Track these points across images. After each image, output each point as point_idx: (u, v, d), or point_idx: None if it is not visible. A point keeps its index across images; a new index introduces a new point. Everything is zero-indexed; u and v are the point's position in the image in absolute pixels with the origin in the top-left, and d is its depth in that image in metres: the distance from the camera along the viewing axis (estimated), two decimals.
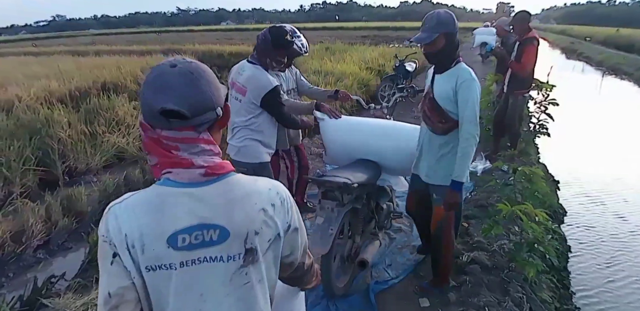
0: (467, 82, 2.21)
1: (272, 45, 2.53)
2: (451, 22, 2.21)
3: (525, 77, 4.77)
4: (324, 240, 2.26)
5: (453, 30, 2.23)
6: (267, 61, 2.59)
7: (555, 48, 26.83)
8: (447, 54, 2.27)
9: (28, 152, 5.17)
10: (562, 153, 6.17)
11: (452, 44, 2.25)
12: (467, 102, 2.21)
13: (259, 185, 0.99)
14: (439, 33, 2.19)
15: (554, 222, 3.68)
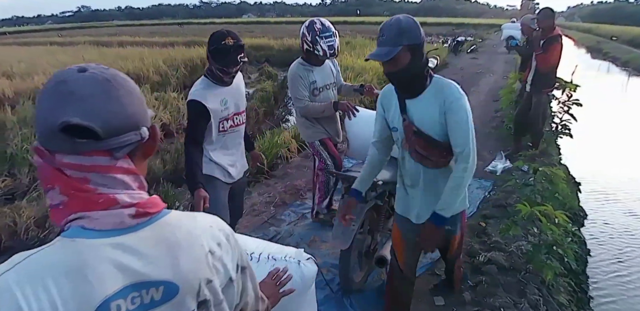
0: (458, 102, 1.77)
1: (208, 50, 2.23)
2: (415, 31, 1.72)
3: (547, 73, 4.69)
4: (346, 235, 2.28)
5: (419, 40, 1.73)
6: (214, 70, 2.24)
7: (580, 47, 26.19)
8: (415, 72, 1.77)
9: None
10: (584, 154, 6.05)
11: (420, 58, 1.75)
12: (460, 124, 1.77)
13: (199, 221, 0.80)
14: (402, 45, 1.69)
15: (574, 224, 3.62)
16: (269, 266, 1.48)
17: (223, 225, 0.85)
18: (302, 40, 2.87)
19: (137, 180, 0.74)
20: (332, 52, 2.83)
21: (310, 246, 3.22)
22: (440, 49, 13.60)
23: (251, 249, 1.56)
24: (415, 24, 1.73)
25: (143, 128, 0.73)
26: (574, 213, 3.98)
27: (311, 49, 2.83)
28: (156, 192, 3.92)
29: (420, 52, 1.75)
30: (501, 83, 9.72)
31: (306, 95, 2.94)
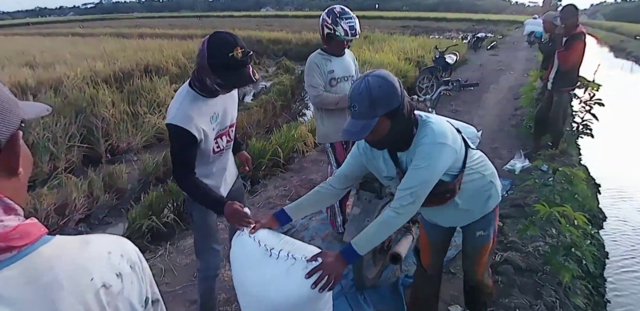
0: (423, 147, 1.55)
1: (207, 63, 1.65)
2: (389, 96, 1.48)
3: (569, 72, 4.59)
4: (359, 231, 2.25)
5: (396, 104, 1.49)
6: (207, 82, 1.71)
7: (603, 46, 25.56)
8: (399, 133, 1.57)
9: (73, 129, 5.40)
10: (605, 155, 5.92)
11: (402, 119, 1.53)
12: (414, 169, 1.55)
13: (91, 248, 0.64)
14: (377, 116, 1.48)
15: (593, 226, 3.56)
16: (287, 265, 1.45)
17: (128, 249, 0.70)
18: (323, 25, 2.75)
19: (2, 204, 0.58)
20: (354, 32, 2.72)
21: (324, 241, 3.23)
22: (459, 45, 13.41)
23: (272, 244, 1.52)
24: (388, 88, 1.47)
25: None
26: (592, 215, 3.91)
27: (332, 31, 2.71)
28: (174, 183, 3.96)
29: (402, 114, 1.52)
30: (521, 81, 9.56)
31: (321, 84, 2.83)
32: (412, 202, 1.54)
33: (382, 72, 1.53)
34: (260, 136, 5.80)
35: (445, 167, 1.57)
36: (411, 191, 1.53)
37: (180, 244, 3.29)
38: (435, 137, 1.55)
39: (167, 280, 2.84)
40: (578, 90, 5.82)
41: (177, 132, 1.74)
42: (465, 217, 1.89)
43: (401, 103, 1.50)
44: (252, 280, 1.52)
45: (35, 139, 5.02)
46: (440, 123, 1.63)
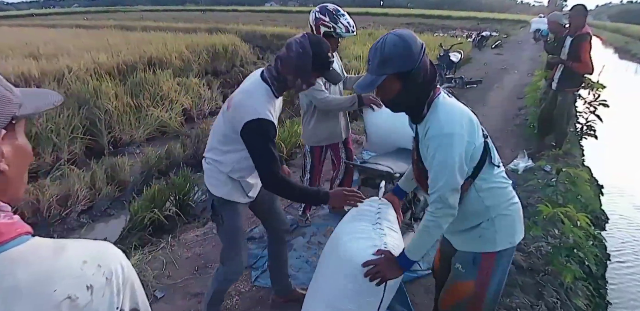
0: (436, 139, 1.48)
1: (312, 64, 1.74)
2: (402, 57, 1.43)
3: (576, 72, 4.57)
4: None
5: (408, 67, 1.43)
6: (295, 82, 1.79)
7: (608, 47, 25.46)
8: (410, 99, 1.52)
9: (76, 120, 5.40)
10: (608, 157, 5.91)
11: (413, 84, 1.47)
12: (433, 164, 1.50)
13: (65, 257, 0.60)
14: (386, 75, 1.45)
15: (595, 227, 3.56)
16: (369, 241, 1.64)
17: (109, 258, 0.65)
18: (319, 24, 2.68)
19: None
20: (353, 29, 2.70)
21: (326, 237, 3.22)
22: (464, 43, 13.37)
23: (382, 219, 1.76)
24: (403, 48, 1.43)
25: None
26: (595, 216, 3.90)
27: (331, 29, 2.65)
28: (176, 176, 3.96)
29: (414, 78, 1.45)
30: (526, 81, 9.52)
31: (322, 85, 2.75)
32: (443, 204, 1.49)
33: (404, 32, 1.48)
34: None
35: (461, 156, 1.46)
36: (438, 194, 1.49)
37: (182, 237, 3.29)
38: (442, 126, 1.47)
39: (169, 272, 2.84)
40: (583, 91, 5.80)
41: (267, 126, 1.74)
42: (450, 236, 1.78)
43: (414, 68, 1.43)
44: (344, 230, 1.77)
45: (38, 130, 5.02)
46: (450, 110, 1.51)
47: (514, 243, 1.67)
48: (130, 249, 3.17)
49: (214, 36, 13.13)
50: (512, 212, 1.66)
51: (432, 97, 1.53)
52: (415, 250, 1.58)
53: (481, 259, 1.67)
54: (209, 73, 10.42)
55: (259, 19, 30.77)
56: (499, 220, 1.62)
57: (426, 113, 1.54)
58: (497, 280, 1.72)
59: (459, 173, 1.48)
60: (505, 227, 1.64)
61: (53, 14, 50.78)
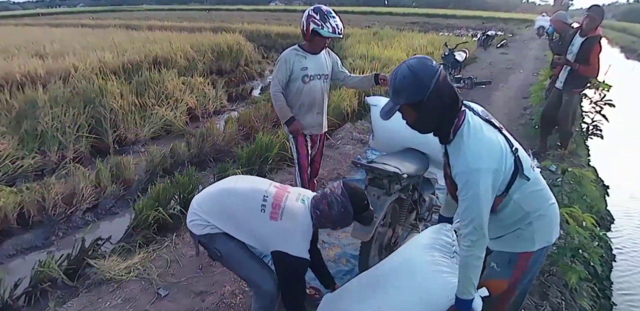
0: (462, 175, 1.53)
1: (352, 218, 1.94)
2: (411, 87, 1.47)
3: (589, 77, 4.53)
4: (367, 227, 2.25)
5: (418, 97, 1.48)
6: (332, 227, 2.00)
7: (614, 46, 25.27)
8: (429, 125, 1.59)
9: (82, 119, 5.42)
10: (614, 157, 5.87)
11: (428, 112, 1.52)
12: (462, 198, 1.55)
13: None
14: (399, 105, 1.52)
15: (601, 228, 3.53)
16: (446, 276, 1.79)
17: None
18: (309, 21, 2.77)
19: None
20: (339, 31, 2.79)
21: (330, 236, 3.23)
22: (469, 42, 13.32)
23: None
24: (412, 79, 1.46)
25: None
26: (600, 217, 3.88)
27: (319, 27, 2.74)
28: (181, 175, 3.97)
29: (427, 107, 1.49)
30: (531, 80, 9.48)
31: (283, 81, 2.91)
32: (478, 236, 1.53)
33: (416, 62, 1.50)
34: (268, 130, 5.79)
35: (489, 189, 1.50)
36: (472, 226, 1.53)
37: (186, 236, 3.29)
38: (468, 162, 1.50)
39: (173, 271, 2.85)
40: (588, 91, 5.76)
41: (305, 265, 1.94)
42: (496, 241, 1.77)
43: (424, 98, 1.47)
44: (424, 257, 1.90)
45: (44, 129, 5.04)
46: (475, 143, 1.52)
47: (551, 242, 1.72)
48: (135, 247, 3.18)
49: (219, 35, 13.12)
50: (550, 211, 1.70)
51: (458, 124, 1.55)
52: (465, 288, 1.60)
53: (518, 259, 1.71)
54: (214, 72, 10.43)
55: (263, 18, 30.78)
56: (538, 221, 1.66)
57: (451, 138, 1.57)
58: (529, 277, 1.79)
59: (488, 204, 1.52)
60: (543, 226, 1.68)
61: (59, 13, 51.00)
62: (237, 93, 8.74)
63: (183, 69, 8.98)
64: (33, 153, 4.77)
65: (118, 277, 2.75)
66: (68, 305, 2.58)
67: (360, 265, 2.50)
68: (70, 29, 18.17)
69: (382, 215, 2.32)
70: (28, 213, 3.72)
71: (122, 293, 2.63)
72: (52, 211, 3.79)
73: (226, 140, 5.40)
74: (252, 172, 4.50)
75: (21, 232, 3.64)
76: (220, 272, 2.83)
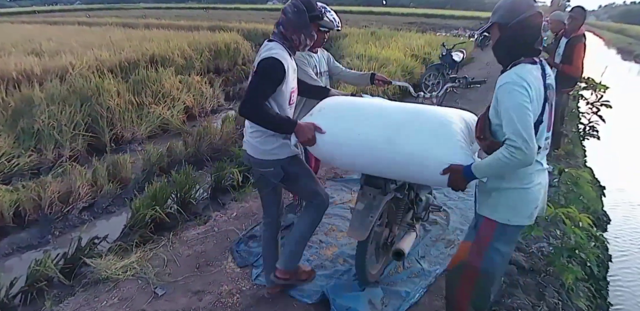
0: (505, 86, 1.67)
1: (308, 17, 2.10)
2: (507, 9, 1.71)
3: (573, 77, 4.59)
4: (363, 227, 2.27)
5: (506, 19, 1.71)
6: (300, 38, 2.13)
7: (611, 48, 25.40)
8: (502, 51, 1.79)
9: (78, 117, 5.40)
10: (611, 158, 5.90)
11: (507, 39, 1.74)
12: (505, 110, 1.66)
13: None
14: (492, 23, 1.76)
15: (597, 229, 3.55)
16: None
17: None
18: None
19: None
20: (338, 25, 2.76)
21: (327, 236, 3.22)
22: (467, 42, 13.32)
23: None
24: (510, 3, 1.73)
25: None
26: (597, 218, 3.90)
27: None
28: (178, 174, 3.96)
29: (511, 33, 1.72)
30: None
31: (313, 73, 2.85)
32: (519, 144, 1.60)
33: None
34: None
35: (519, 99, 1.63)
36: (511, 135, 1.62)
37: (183, 235, 3.29)
38: (511, 76, 1.68)
39: (170, 270, 2.84)
40: (585, 92, 5.79)
41: (274, 65, 2.03)
42: (482, 202, 1.90)
43: (511, 23, 1.70)
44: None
45: (40, 127, 5.01)
46: (525, 71, 1.69)
47: (511, 223, 1.81)
48: (132, 246, 3.17)
49: (216, 34, 13.08)
50: (519, 194, 1.79)
51: (519, 61, 1.73)
52: (481, 169, 1.76)
53: (482, 223, 1.87)
54: (211, 71, 10.40)
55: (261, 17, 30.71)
56: (506, 193, 1.80)
57: (507, 69, 1.75)
58: (494, 257, 1.84)
59: (524, 114, 1.62)
60: (508, 202, 1.80)
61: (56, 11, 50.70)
62: (234, 92, 8.72)
63: (180, 68, 8.95)
64: (29, 151, 4.74)
65: (114, 276, 2.74)
66: (64, 304, 2.57)
67: (356, 265, 2.50)
68: (67, 26, 18.08)
69: (378, 215, 2.32)
70: (24, 211, 3.70)
71: (118, 293, 2.62)
72: (48, 209, 3.77)
73: (223, 139, 5.39)
74: (249, 171, 4.49)
75: (17, 231, 3.61)
76: (217, 271, 2.83)
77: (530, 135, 1.61)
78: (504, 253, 1.87)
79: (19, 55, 8.51)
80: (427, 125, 2.02)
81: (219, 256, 3.01)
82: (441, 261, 2.89)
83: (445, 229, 3.33)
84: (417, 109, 2.18)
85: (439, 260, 2.93)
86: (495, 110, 1.74)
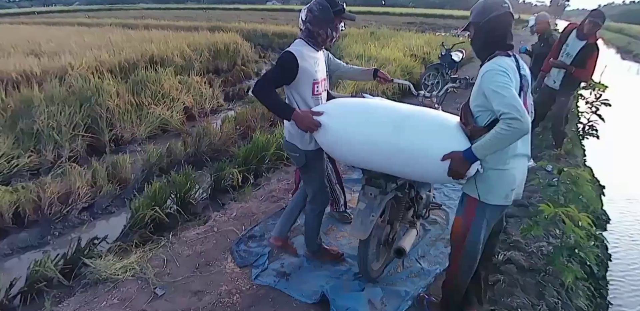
0: (488, 73, 1.86)
1: (332, 12, 2.30)
2: (480, 11, 1.97)
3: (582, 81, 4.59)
4: (364, 226, 2.29)
5: (478, 18, 1.97)
6: (327, 32, 2.33)
7: (610, 47, 25.39)
8: (477, 46, 2.05)
9: (78, 118, 5.40)
10: (610, 157, 5.89)
11: (481, 36, 2.00)
12: (493, 92, 1.81)
13: None
14: (469, 22, 2.04)
15: (597, 228, 3.55)
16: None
17: None
18: None
19: None
20: (343, 27, 2.91)
21: (327, 236, 3.22)
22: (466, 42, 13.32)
23: None
24: (481, 5, 1.98)
25: None
26: (596, 217, 3.89)
27: None
28: (177, 174, 3.96)
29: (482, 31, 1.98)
30: None
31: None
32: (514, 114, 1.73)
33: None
34: (265, 129, 5.78)
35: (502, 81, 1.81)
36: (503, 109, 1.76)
37: (182, 235, 3.29)
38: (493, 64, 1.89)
39: (169, 270, 2.84)
40: (584, 91, 5.78)
41: (288, 58, 2.28)
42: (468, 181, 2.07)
43: (481, 22, 1.96)
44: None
45: (40, 127, 5.01)
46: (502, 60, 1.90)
47: (489, 202, 2.00)
48: (131, 247, 3.17)
49: (216, 34, 13.08)
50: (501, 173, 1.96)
51: (494, 55, 1.94)
52: (482, 148, 1.87)
53: (466, 200, 2.08)
54: (211, 71, 10.40)
55: (260, 18, 30.72)
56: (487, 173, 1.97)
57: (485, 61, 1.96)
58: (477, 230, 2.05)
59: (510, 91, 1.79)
60: (487, 180, 1.98)
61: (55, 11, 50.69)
62: (234, 93, 8.72)
63: (180, 68, 8.95)
64: (29, 152, 4.75)
65: (114, 277, 2.74)
66: (64, 304, 2.57)
67: (359, 262, 2.50)
68: (67, 27, 18.09)
69: (379, 213, 2.33)
70: (24, 212, 3.70)
71: (118, 293, 2.62)
72: (48, 210, 3.77)
73: (223, 140, 5.39)
74: (249, 172, 4.49)
75: (17, 231, 3.61)
76: (217, 272, 2.83)
77: (521, 105, 1.76)
78: (484, 228, 2.07)
79: (19, 55, 8.52)
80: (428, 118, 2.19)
81: (219, 256, 3.01)
82: (440, 260, 2.90)
83: (445, 229, 3.33)
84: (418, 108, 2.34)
85: (438, 259, 2.93)
86: (478, 96, 1.93)
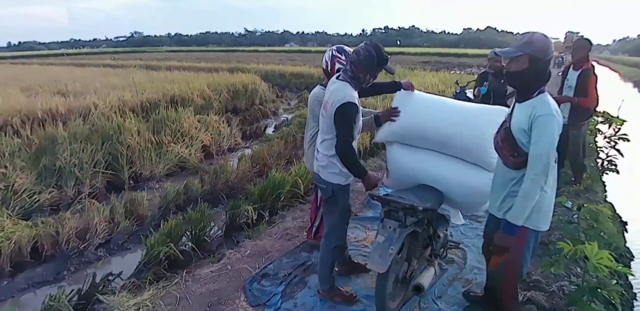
0: (545, 118, 1.96)
1: (376, 62, 2.43)
2: (542, 47, 1.99)
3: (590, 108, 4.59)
4: (383, 259, 2.27)
5: (541, 55, 2.00)
6: (366, 77, 2.47)
7: (627, 81, 25.38)
8: (527, 79, 2.06)
9: (99, 155, 5.56)
10: (632, 192, 5.75)
11: (536, 70, 2.03)
12: (539, 139, 1.96)
13: None
14: (524, 53, 2.01)
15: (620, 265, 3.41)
16: None
17: None
18: (334, 61, 2.92)
19: None
20: None
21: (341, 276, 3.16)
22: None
23: None
24: (545, 42, 2.00)
25: None
26: (619, 254, 3.76)
27: (344, 66, 2.76)
28: (193, 211, 3.99)
29: (539, 66, 2.02)
30: None
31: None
32: (541, 170, 1.97)
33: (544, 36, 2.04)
34: (280, 167, 5.85)
35: (556, 136, 1.96)
36: (537, 154, 1.97)
37: (196, 273, 3.27)
38: (551, 108, 1.98)
39: (182, 308, 2.82)
40: (602, 126, 5.75)
41: (352, 108, 2.41)
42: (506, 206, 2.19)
43: (544, 60, 2.01)
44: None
45: (62, 164, 5.17)
46: (554, 103, 2.03)
47: (539, 229, 2.18)
48: (145, 283, 3.17)
49: (235, 75, 13.57)
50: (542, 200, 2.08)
51: (543, 89, 2.06)
52: (519, 214, 2.05)
53: (518, 231, 2.11)
54: (229, 110, 10.69)
55: (278, 59, 31.80)
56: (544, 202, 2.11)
57: (532, 97, 2.06)
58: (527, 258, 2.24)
59: (553, 147, 1.97)
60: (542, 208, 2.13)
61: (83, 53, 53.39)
62: (251, 131, 8.91)
63: (199, 108, 9.24)
64: (50, 188, 4.88)
65: None
66: None
67: (377, 298, 2.45)
68: (93, 68, 18.96)
69: (398, 247, 2.31)
70: (42, 247, 3.76)
71: None
72: (65, 245, 3.82)
73: (239, 177, 5.46)
74: (264, 209, 4.51)
75: (34, 266, 3.66)
76: (230, 310, 2.79)
77: (550, 159, 1.97)
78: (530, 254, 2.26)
79: (46, 95, 8.92)
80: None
81: (232, 294, 2.98)
82: (458, 301, 2.80)
83: (463, 268, 3.24)
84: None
85: (456, 300, 2.83)
86: (525, 133, 2.04)
